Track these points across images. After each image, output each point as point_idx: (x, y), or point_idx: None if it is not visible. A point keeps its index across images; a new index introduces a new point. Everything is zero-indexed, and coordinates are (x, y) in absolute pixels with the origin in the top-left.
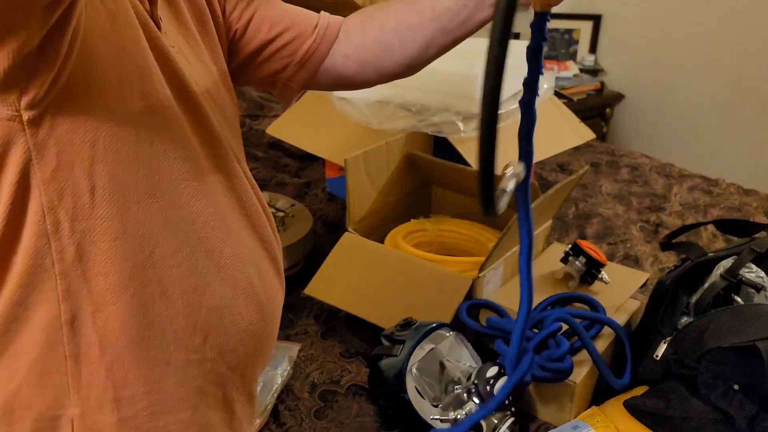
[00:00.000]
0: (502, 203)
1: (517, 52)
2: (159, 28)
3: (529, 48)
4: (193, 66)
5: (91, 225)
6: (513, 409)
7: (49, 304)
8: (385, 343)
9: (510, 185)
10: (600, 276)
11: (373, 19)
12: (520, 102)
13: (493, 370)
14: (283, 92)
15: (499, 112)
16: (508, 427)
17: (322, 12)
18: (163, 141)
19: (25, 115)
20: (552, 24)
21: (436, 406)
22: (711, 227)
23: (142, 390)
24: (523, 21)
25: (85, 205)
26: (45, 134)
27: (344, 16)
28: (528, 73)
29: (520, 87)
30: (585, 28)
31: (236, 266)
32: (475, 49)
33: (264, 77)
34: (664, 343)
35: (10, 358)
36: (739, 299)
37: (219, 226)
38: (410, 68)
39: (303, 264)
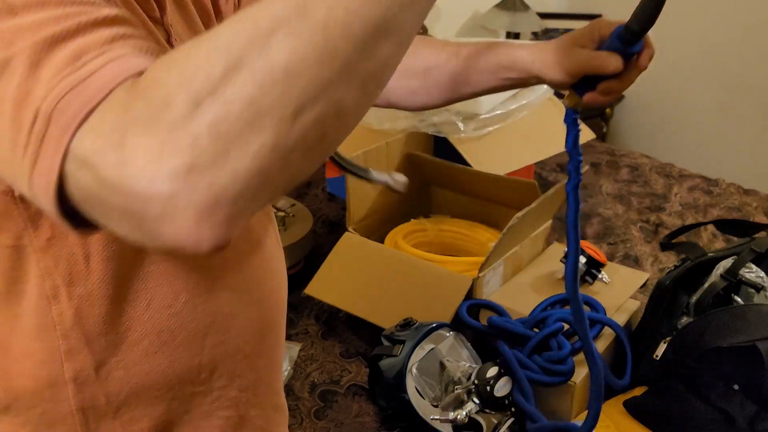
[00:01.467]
0: None
1: None
2: (170, 35)
3: (567, 139)
4: None
5: (87, 290)
6: (513, 409)
7: (53, 363)
8: (385, 343)
9: None
10: (600, 276)
11: (412, 60)
12: (567, 187)
13: (493, 371)
14: None
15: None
16: (509, 427)
17: None
18: None
19: (17, 192)
20: (552, 24)
21: (436, 406)
22: (711, 227)
23: (149, 424)
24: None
25: (80, 271)
26: (37, 208)
27: None
28: (571, 159)
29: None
30: None
31: (236, 300)
32: None
33: None
34: (664, 343)
35: (20, 408)
36: (739, 299)
37: (218, 264)
38: (427, 109)
39: (303, 264)
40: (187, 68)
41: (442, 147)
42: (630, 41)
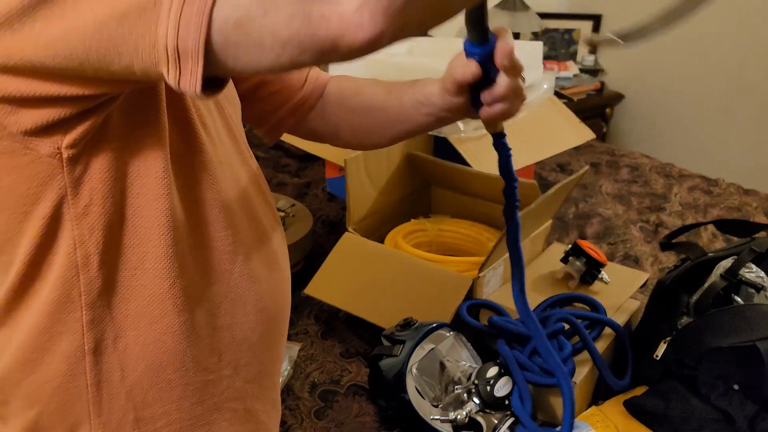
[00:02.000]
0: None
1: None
2: None
3: (499, 163)
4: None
5: (116, 257)
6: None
7: (73, 334)
8: (385, 343)
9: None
10: (600, 276)
11: (360, 99)
12: (504, 211)
13: (493, 371)
14: (269, 133)
15: None
16: (509, 427)
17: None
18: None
19: (65, 153)
20: (552, 24)
21: (436, 406)
22: (711, 227)
23: (162, 410)
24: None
25: (115, 238)
26: (80, 171)
27: None
28: (506, 183)
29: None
30: (585, 28)
31: (245, 285)
32: None
33: (254, 115)
34: (664, 343)
35: (30, 386)
36: (739, 299)
37: (230, 249)
38: (377, 148)
39: (303, 264)
40: None
41: (442, 147)
42: (474, 43)
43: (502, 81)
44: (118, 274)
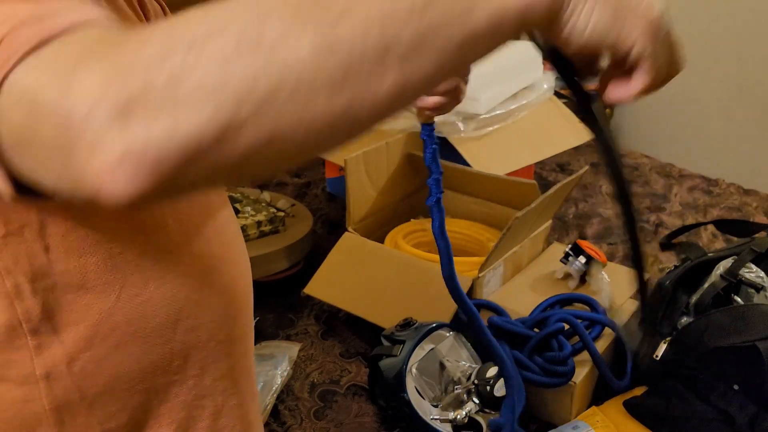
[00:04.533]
0: None
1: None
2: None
3: (425, 154)
4: None
5: (52, 282)
6: None
7: (23, 362)
8: (385, 343)
9: None
10: (600, 276)
11: None
12: (427, 201)
13: (493, 371)
14: None
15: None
16: None
17: None
18: None
19: None
20: None
21: (436, 406)
22: (711, 227)
23: (126, 417)
24: None
25: (42, 264)
26: None
27: None
28: (431, 174)
29: (521, 86)
30: None
31: (202, 285)
32: None
33: None
34: (664, 343)
35: None
36: (739, 299)
37: (190, 240)
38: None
39: (303, 264)
40: (177, 24)
41: (442, 147)
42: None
43: None
44: (56, 297)
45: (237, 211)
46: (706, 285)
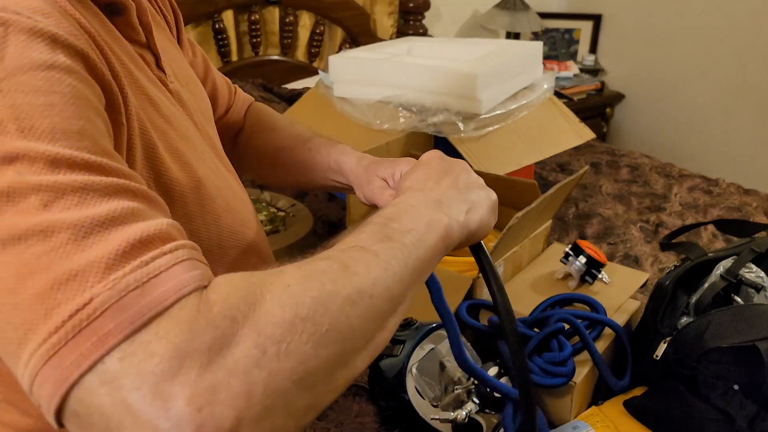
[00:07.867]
0: None
1: (517, 51)
2: (159, 58)
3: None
4: (194, 95)
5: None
6: None
7: None
8: None
9: None
10: (600, 276)
11: (274, 135)
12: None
13: (493, 371)
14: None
15: None
16: None
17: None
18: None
19: None
20: (552, 24)
21: (436, 406)
22: (711, 227)
23: None
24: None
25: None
26: None
27: (345, 16)
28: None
29: (521, 86)
30: (585, 28)
31: None
32: (476, 50)
33: None
34: (664, 343)
35: None
36: (739, 299)
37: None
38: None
39: None
40: (260, 309)
41: (442, 147)
42: None
43: None
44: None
45: None
46: (706, 285)
